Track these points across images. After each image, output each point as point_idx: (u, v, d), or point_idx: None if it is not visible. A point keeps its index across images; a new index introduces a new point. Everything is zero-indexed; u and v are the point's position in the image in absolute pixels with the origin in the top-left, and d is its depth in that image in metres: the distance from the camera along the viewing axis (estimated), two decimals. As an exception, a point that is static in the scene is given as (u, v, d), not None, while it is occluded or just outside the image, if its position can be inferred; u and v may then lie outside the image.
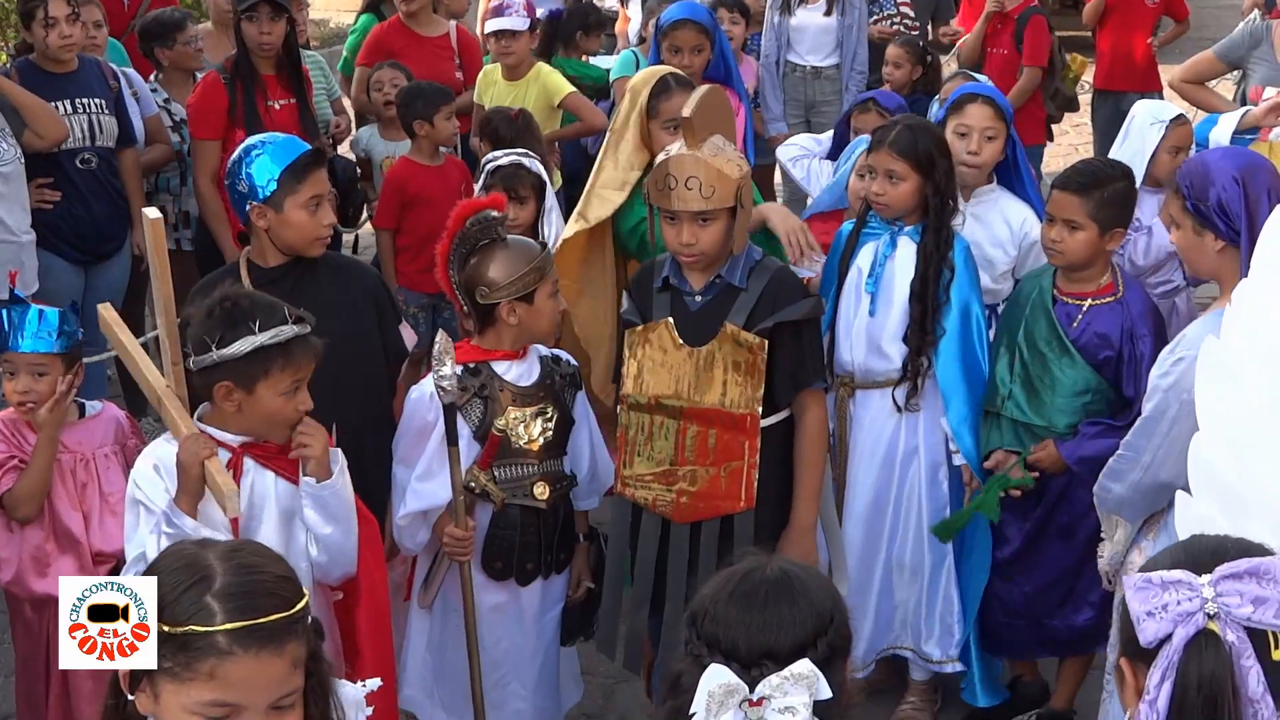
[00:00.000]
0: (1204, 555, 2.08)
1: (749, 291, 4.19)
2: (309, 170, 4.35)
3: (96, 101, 6.35)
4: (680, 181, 4.09)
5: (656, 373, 4.23)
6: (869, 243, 4.72)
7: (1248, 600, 1.99)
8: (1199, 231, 3.86)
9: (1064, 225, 4.49)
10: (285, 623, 2.14)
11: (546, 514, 4.25)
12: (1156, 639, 2.01)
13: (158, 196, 7.01)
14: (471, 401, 4.16)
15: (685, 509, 4.24)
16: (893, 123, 4.76)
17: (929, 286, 4.58)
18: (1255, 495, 2.67)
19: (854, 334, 4.68)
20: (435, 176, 6.71)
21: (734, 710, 2.05)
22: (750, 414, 4.15)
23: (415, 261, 6.59)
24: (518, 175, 5.62)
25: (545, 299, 4.19)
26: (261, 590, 2.15)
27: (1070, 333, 4.51)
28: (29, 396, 4.15)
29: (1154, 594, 2.03)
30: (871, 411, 4.74)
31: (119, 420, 4.39)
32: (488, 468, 4.18)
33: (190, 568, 2.16)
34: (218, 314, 3.58)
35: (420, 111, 6.71)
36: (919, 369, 4.62)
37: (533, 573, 4.28)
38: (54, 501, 4.18)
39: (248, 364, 3.54)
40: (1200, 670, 1.98)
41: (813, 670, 2.06)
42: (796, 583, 2.18)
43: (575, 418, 4.32)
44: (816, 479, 4.30)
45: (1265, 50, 6.86)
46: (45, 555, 4.16)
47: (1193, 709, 1.98)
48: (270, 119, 6.32)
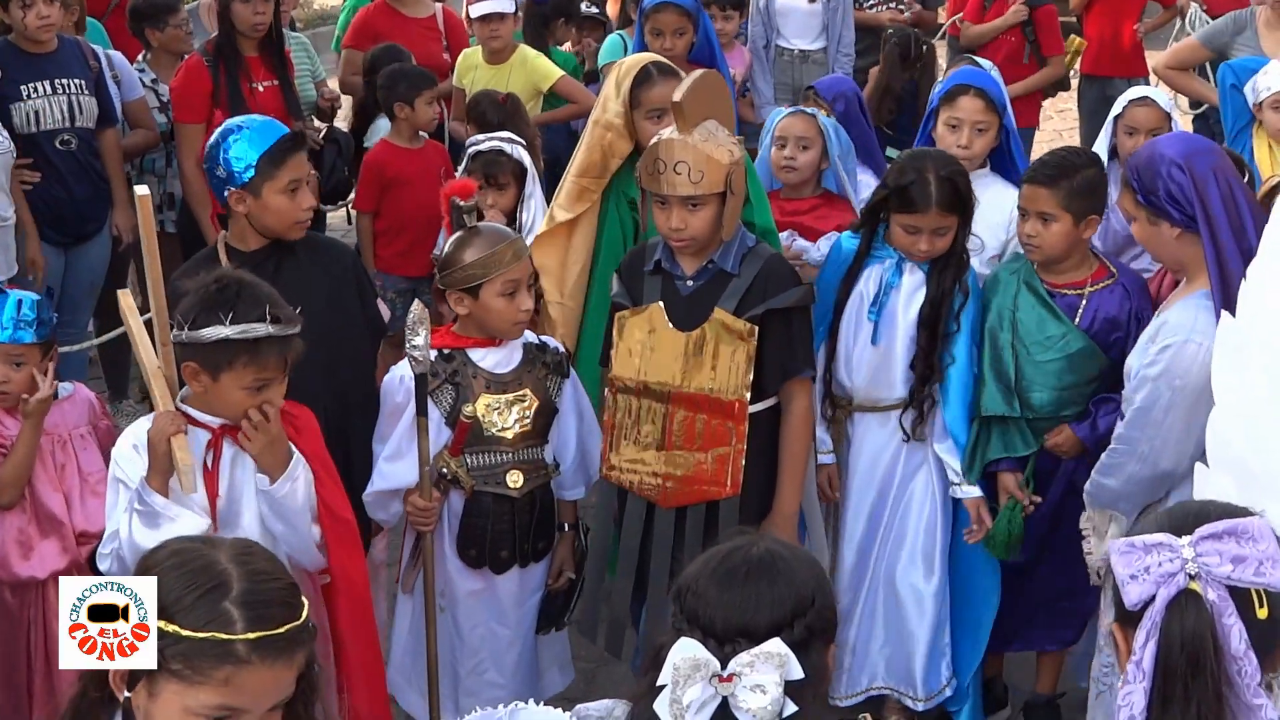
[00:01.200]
0: (1186, 519, 2.13)
1: (741, 277, 4.17)
2: (287, 155, 4.31)
3: (76, 82, 6.30)
4: (669, 166, 4.07)
5: (645, 356, 4.22)
6: (874, 266, 4.54)
7: (1227, 559, 2.04)
8: (1154, 222, 3.90)
9: (1037, 218, 4.46)
10: (297, 631, 2.16)
11: (521, 502, 4.23)
12: (1141, 601, 2.07)
13: (142, 178, 6.97)
14: (443, 387, 4.15)
15: (670, 493, 4.23)
16: (919, 175, 4.37)
17: (941, 315, 4.44)
18: (1267, 472, 2.70)
19: (855, 360, 4.55)
20: (414, 160, 6.69)
21: (703, 684, 2.06)
22: (738, 400, 4.14)
23: (393, 245, 6.58)
24: (497, 161, 5.61)
25: (493, 296, 4.13)
26: (278, 598, 2.16)
27: (1080, 322, 4.45)
28: (7, 386, 4.16)
29: (1136, 557, 2.09)
30: (870, 434, 4.61)
31: (91, 401, 4.39)
32: (458, 454, 4.17)
33: (204, 571, 2.14)
34: (201, 295, 3.55)
35: (402, 94, 6.68)
36: (925, 398, 4.49)
37: (507, 561, 4.26)
38: (34, 484, 4.16)
39: (213, 351, 3.51)
40: (1183, 629, 2.04)
41: (784, 650, 2.06)
42: (780, 562, 2.17)
43: (558, 407, 4.30)
44: (800, 467, 4.29)
45: (1249, 36, 6.87)
46: (29, 538, 4.14)
47: (1176, 667, 2.03)
48: (254, 101, 6.31)
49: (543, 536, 4.33)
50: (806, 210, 5.68)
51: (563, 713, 2.29)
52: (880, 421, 4.58)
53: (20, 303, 4.19)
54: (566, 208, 4.95)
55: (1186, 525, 2.11)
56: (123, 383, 7.20)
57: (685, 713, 2.06)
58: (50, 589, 4.10)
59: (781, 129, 5.59)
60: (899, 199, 4.38)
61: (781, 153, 5.55)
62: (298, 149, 4.38)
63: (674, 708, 2.07)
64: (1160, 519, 2.19)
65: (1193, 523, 2.11)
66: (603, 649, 4.66)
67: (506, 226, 4.54)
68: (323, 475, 3.75)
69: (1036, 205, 4.45)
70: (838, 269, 4.60)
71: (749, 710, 2.04)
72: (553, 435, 4.32)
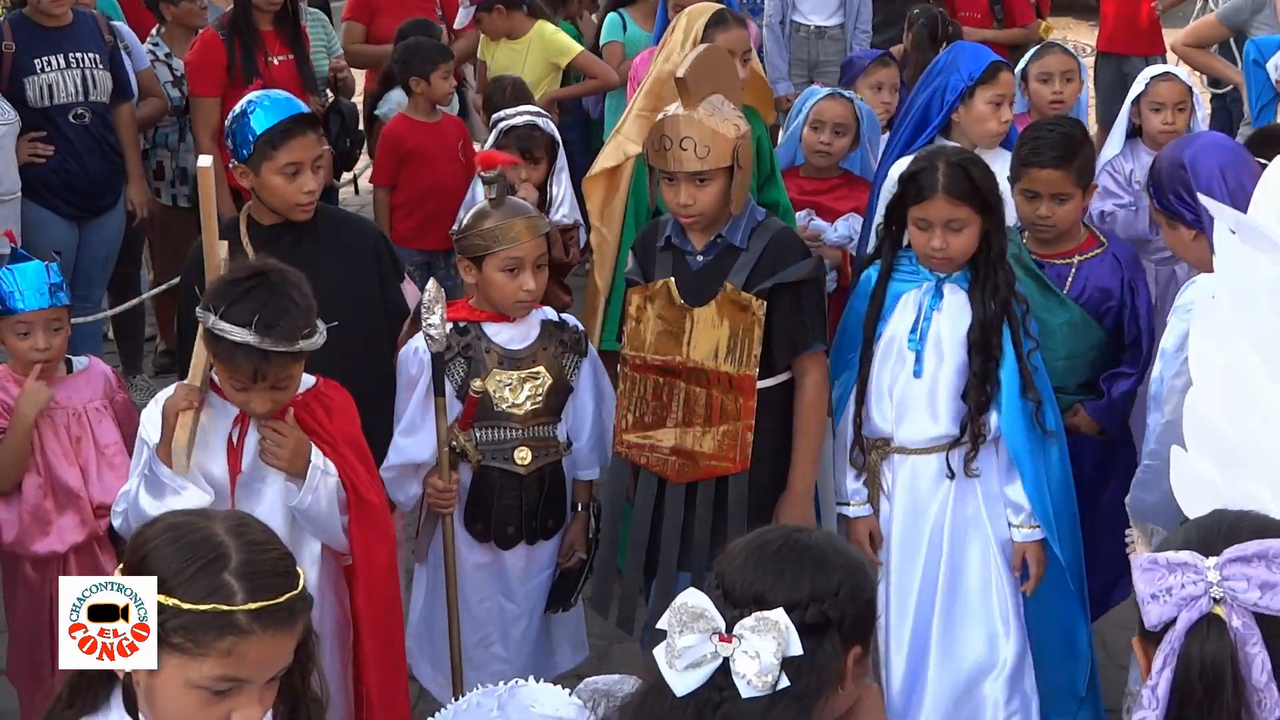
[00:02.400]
0: (1216, 535, 2.01)
1: (749, 251, 4.15)
2: (287, 137, 4.26)
3: (91, 56, 6.29)
4: (675, 142, 4.06)
5: (657, 332, 4.21)
6: (904, 294, 4.15)
7: (1255, 585, 1.93)
8: (1173, 226, 3.90)
9: (1051, 200, 4.44)
10: (296, 600, 2.16)
11: (529, 479, 4.23)
12: (1161, 622, 1.97)
13: (155, 152, 7.00)
14: (455, 361, 4.15)
15: (681, 469, 4.22)
16: (929, 163, 4.07)
17: (992, 334, 4.04)
18: (1246, 450, 2.65)
19: (894, 399, 4.14)
20: (431, 133, 6.68)
21: (701, 636, 2.07)
22: (747, 375, 4.12)
23: (410, 218, 6.58)
24: (532, 137, 5.61)
25: (494, 269, 4.13)
26: (276, 569, 2.16)
27: (1069, 292, 4.47)
28: (49, 353, 4.18)
29: (1159, 576, 1.98)
30: (913, 478, 4.17)
31: (106, 375, 4.39)
32: (467, 428, 4.18)
33: (203, 544, 2.13)
34: (223, 278, 3.55)
35: (417, 69, 6.67)
36: (980, 431, 4.07)
37: (514, 537, 4.26)
38: (49, 458, 4.17)
39: (208, 336, 3.50)
40: (1202, 656, 1.93)
41: (785, 621, 2.06)
42: (814, 550, 2.18)
43: (574, 386, 4.29)
44: (815, 444, 4.26)
45: (1268, 15, 6.82)
46: (45, 513, 4.15)
47: (1193, 694, 1.93)
48: (269, 75, 6.31)
49: (552, 514, 4.32)
50: (825, 190, 5.69)
51: (563, 689, 2.28)
52: (924, 463, 4.16)
53: (47, 268, 4.20)
54: (635, 140, 5.05)
55: (1217, 541, 1.99)
56: (136, 357, 7.22)
57: (676, 659, 2.07)
58: (70, 563, 4.12)
59: (818, 112, 5.59)
60: (909, 191, 4.10)
61: (818, 136, 5.59)
62: (299, 133, 4.30)
63: (668, 653, 2.08)
64: (1189, 532, 2.07)
65: (1224, 539, 1.99)
66: (615, 625, 4.66)
67: (529, 204, 4.48)
68: (352, 458, 3.71)
69: (1052, 188, 4.43)
70: (866, 299, 4.21)
71: (742, 674, 2.05)
72: (567, 414, 4.32)
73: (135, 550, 2.19)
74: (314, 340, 3.51)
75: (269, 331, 3.41)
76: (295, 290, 3.50)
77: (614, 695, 2.22)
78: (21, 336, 4.17)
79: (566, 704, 2.24)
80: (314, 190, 4.34)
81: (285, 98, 4.46)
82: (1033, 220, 4.50)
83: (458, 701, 2.32)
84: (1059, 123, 4.75)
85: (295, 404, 3.65)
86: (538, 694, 2.26)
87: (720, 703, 2.06)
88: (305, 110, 4.46)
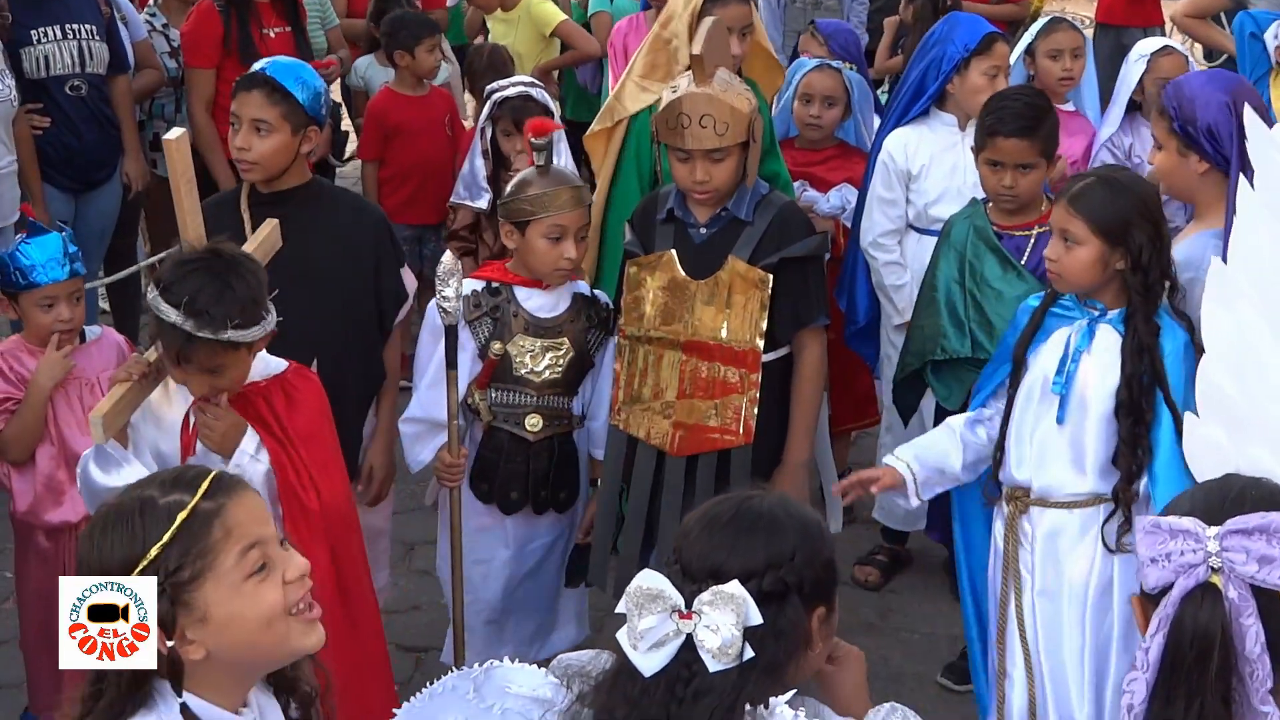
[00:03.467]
0: (1221, 504, 2.03)
1: (755, 225, 4.16)
2: (239, 89, 4.27)
3: (87, 27, 6.24)
4: (694, 120, 4.05)
5: (658, 304, 4.21)
6: (1060, 329, 3.76)
7: (1253, 559, 1.94)
8: (1183, 153, 3.88)
9: (1016, 170, 4.43)
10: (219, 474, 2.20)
11: (537, 447, 4.24)
12: (1158, 586, 1.99)
13: (151, 124, 6.97)
14: (482, 319, 4.19)
15: (682, 442, 4.23)
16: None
17: (1142, 396, 3.61)
18: (1256, 418, 2.66)
19: (1035, 445, 3.75)
20: (417, 107, 6.69)
21: (660, 615, 2.07)
22: (752, 349, 4.13)
23: (398, 193, 6.59)
24: (526, 107, 5.56)
25: (537, 236, 4.15)
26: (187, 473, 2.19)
27: (1027, 263, 4.44)
28: (72, 324, 4.19)
29: (1160, 540, 2.00)
30: (1055, 535, 3.76)
31: (119, 345, 4.39)
32: (484, 388, 4.20)
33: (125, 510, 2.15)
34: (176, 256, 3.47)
35: (402, 42, 6.67)
36: (1132, 499, 3.64)
37: (518, 502, 4.28)
38: (62, 428, 4.18)
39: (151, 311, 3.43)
40: (1195, 624, 1.95)
41: (741, 593, 2.06)
42: (768, 517, 2.18)
43: (595, 361, 4.30)
44: (812, 415, 4.28)
45: (1272, -16, 6.79)
46: (59, 484, 4.16)
47: (1183, 661, 1.95)
48: (265, 47, 6.27)
49: (563, 486, 4.33)
50: (819, 161, 5.71)
51: (539, 669, 2.27)
52: (1069, 518, 3.75)
53: (63, 239, 4.20)
54: (628, 103, 5.02)
55: (1219, 510, 2.01)
56: (133, 330, 7.19)
57: (639, 641, 2.07)
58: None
59: (807, 85, 5.61)
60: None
61: (807, 109, 5.62)
62: (243, 89, 4.28)
63: (630, 636, 2.08)
64: (1195, 497, 2.09)
65: (1229, 509, 2.00)
66: (612, 597, 4.67)
67: (574, 174, 4.43)
68: (302, 455, 3.58)
69: (1016, 158, 4.43)
70: (1014, 334, 3.89)
71: (707, 649, 2.06)
72: (585, 389, 4.33)
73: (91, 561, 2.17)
74: (247, 332, 3.36)
75: (196, 316, 3.30)
76: (240, 279, 3.38)
77: (588, 674, 2.21)
78: (45, 309, 4.17)
79: (543, 683, 2.23)
80: (244, 148, 4.24)
81: (273, 60, 4.45)
82: (997, 190, 4.49)
83: (432, 685, 2.31)
84: (1023, 92, 4.74)
85: (255, 390, 3.57)
86: (513, 674, 2.26)
87: (690, 678, 2.07)
88: (267, 72, 4.33)
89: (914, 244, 5.13)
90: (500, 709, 2.22)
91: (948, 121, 5.14)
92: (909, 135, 5.16)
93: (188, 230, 3.62)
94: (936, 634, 5.07)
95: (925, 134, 5.15)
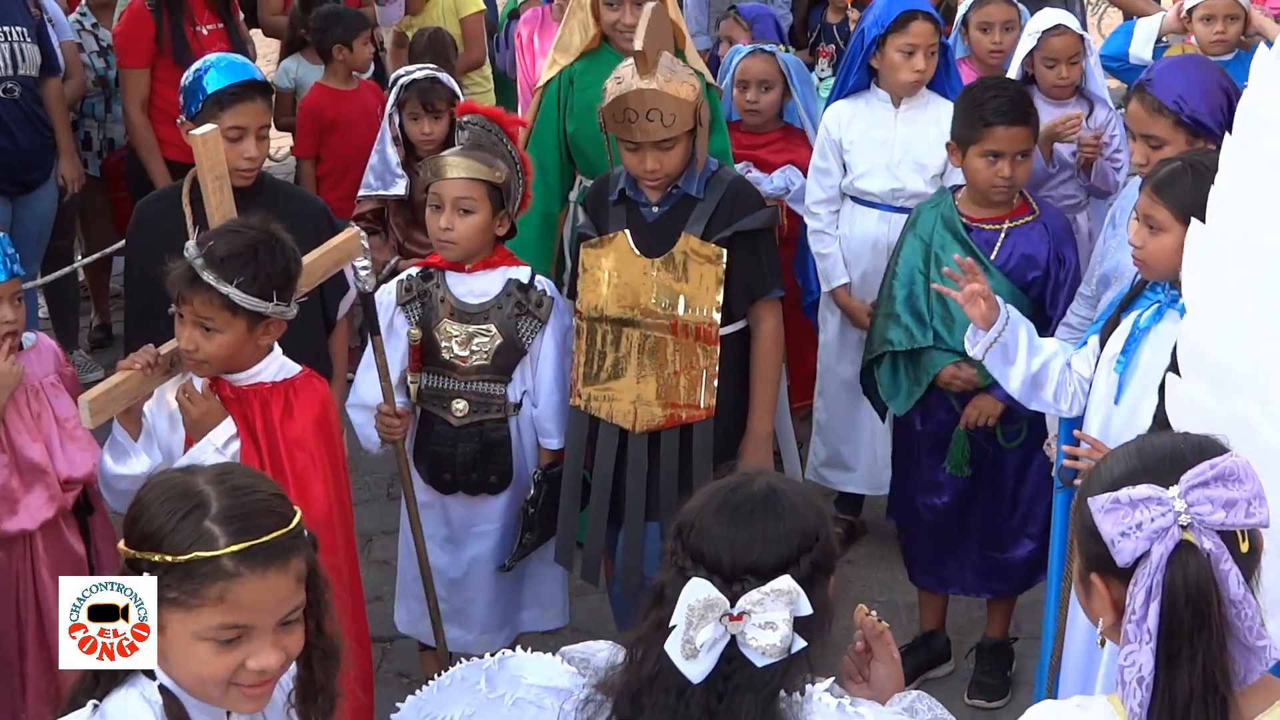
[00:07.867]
0: (1162, 464, 2.05)
1: (706, 201, 4.20)
2: (236, 100, 4.27)
3: (18, 30, 6.19)
4: (641, 115, 4.09)
5: (614, 284, 4.24)
6: (1141, 309, 3.65)
7: (1219, 506, 1.98)
8: (1191, 143, 3.88)
9: (1014, 158, 4.38)
10: (286, 539, 2.15)
11: (464, 432, 4.26)
12: (1134, 557, 2.00)
13: (83, 123, 6.93)
14: (412, 303, 4.25)
15: (644, 419, 4.26)
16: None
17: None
18: (1241, 371, 2.71)
19: (1094, 422, 3.69)
20: (350, 101, 6.74)
21: (714, 624, 2.07)
22: (709, 323, 4.17)
23: (338, 188, 6.56)
24: (433, 89, 5.63)
25: (425, 205, 4.25)
26: (259, 509, 2.15)
27: (996, 258, 4.41)
28: (16, 325, 4.10)
29: (1124, 514, 2.01)
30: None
31: (54, 349, 4.33)
32: (415, 370, 4.26)
33: (183, 496, 2.14)
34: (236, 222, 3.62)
35: (340, 36, 6.69)
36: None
37: (450, 484, 4.31)
38: (13, 436, 4.09)
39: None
40: (1185, 582, 1.97)
41: (793, 587, 2.07)
42: (783, 498, 2.17)
43: (526, 350, 4.27)
44: (772, 388, 4.33)
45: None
46: (12, 492, 4.06)
47: (1181, 622, 1.97)
48: (198, 44, 6.23)
49: (494, 471, 4.31)
50: (763, 144, 5.77)
51: (554, 657, 2.27)
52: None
53: (1, 240, 4.14)
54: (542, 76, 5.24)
55: (1164, 470, 2.03)
56: (72, 332, 7.14)
57: (700, 652, 2.07)
58: (38, 540, 4.05)
59: (742, 71, 5.66)
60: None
61: (744, 95, 5.67)
62: (248, 98, 4.31)
63: (686, 647, 2.07)
64: (1130, 462, 2.09)
65: (1169, 467, 2.03)
66: (579, 578, 4.70)
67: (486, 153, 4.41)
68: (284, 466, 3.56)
69: (1017, 145, 4.38)
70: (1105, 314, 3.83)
71: (758, 647, 2.06)
72: (521, 376, 4.31)
73: (130, 511, 2.20)
74: (248, 298, 3.41)
75: (207, 258, 3.40)
76: (269, 253, 3.46)
77: (593, 664, 2.21)
78: None
79: (560, 673, 2.23)
80: (255, 157, 4.33)
81: (242, 63, 4.46)
82: (992, 182, 4.40)
83: (440, 677, 2.30)
84: (1007, 84, 4.71)
85: (255, 391, 3.58)
86: (527, 664, 2.25)
87: (730, 674, 2.08)
88: (259, 78, 4.44)
89: (849, 211, 5.24)
90: (512, 698, 2.22)
91: (882, 97, 5.18)
92: (845, 108, 5.23)
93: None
94: (895, 601, 5.13)
95: (861, 108, 5.21)
